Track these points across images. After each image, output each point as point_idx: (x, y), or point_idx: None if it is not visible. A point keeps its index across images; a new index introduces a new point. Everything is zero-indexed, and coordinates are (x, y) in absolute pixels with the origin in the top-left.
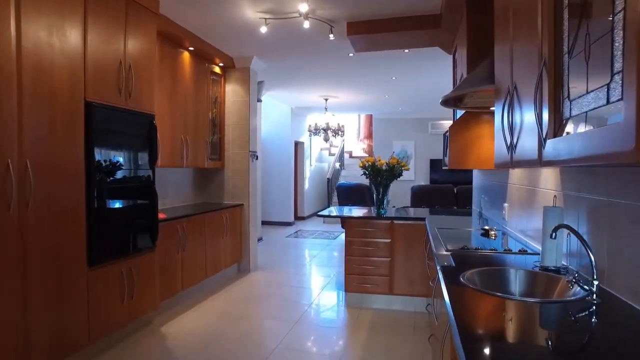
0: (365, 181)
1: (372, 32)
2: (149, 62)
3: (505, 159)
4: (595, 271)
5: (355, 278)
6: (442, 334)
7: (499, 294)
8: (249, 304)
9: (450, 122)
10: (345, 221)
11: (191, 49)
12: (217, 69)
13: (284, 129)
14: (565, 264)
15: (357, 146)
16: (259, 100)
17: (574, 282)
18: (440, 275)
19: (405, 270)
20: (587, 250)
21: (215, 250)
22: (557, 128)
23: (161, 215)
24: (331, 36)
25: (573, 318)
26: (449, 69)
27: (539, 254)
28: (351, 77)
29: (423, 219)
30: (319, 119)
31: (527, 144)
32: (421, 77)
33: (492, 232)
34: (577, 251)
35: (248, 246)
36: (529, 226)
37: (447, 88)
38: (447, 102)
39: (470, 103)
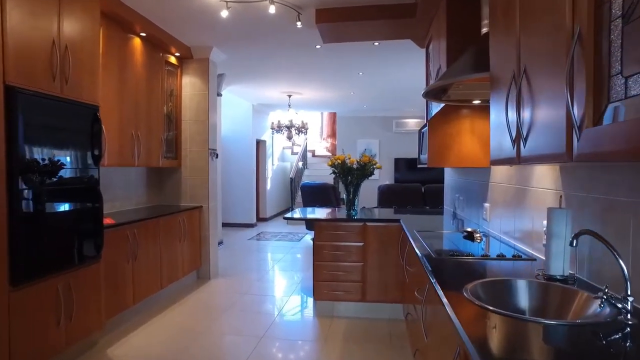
0: (330, 180)
1: (342, 21)
2: (91, 45)
3: (507, 155)
4: (629, 286)
5: (326, 285)
6: (434, 349)
7: (517, 315)
8: (210, 317)
9: (415, 121)
10: (314, 224)
11: (143, 34)
12: (172, 59)
13: (245, 127)
14: (572, 272)
15: (320, 145)
16: (219, 95)
17: (604, 299)
18: (439, 290)
19: (379, 276)
20: (617, 261)
21: (171, 258)
22: (597, 115)
23: (108, 221)
24: (299, 24)
25: (604, 342)
26: (419, 63)
27: (534, 260)
28: (317, 71)
29: (397, 221)
30: (282, 117)
31: (546, 137)
32: (389, 73)
33: (477, 235)
34: (587, 258)
35: (208, 251)
36: (517, 228)
37: (415, 84)
38: (430, 93)
39: (453, 95)
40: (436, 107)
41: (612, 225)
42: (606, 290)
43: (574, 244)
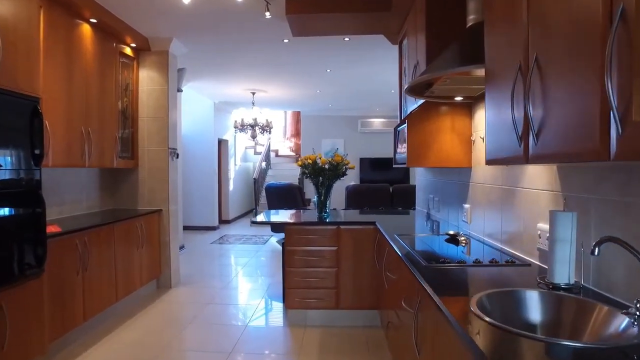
0: (296, 181)
1: (314, 12)
2: (27, 26)
3: (510, 154)
4: None
5: (297, 292)
6: None
7: (540, 336)
8: (171, 332)
9: (380, 121)
10: (284, 228)
11: (93, 21)
12: (128, 51)
13: (207, 126)
14: (577, 280)
15: (283, 145)
16: (180, 90)
17: (637, 316)
18: (442, 305)
19: (354, 281)
20: None
21: (128, 267)
22: None
23: (53, 228)
24: (267, 14)
25: None
26: (390, 60)
27: (529, 265)
28: (284, 68)
29: (372, 223)
30: (245, 115)
31: (569, 132)
32: (358, 70)
33: (462, 239)
34: (594, 265)
35: (168, 258)
36: (505, 230)
37: (383, 83)
38: (414, 88)
39: (437, 91)
40: (412, 105)
41: (629, 229)
42: (638, 306)
43: (596, 253)
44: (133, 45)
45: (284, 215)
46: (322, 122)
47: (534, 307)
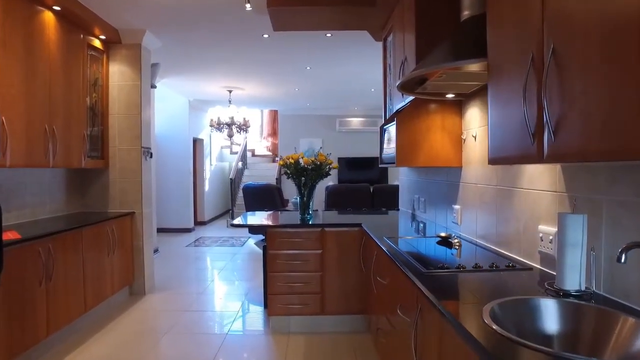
0: (274, 181)
1: (296, 4)
2: None
3: (519, 152)
4: None
5: (280, 298)
6: None
7: (565, 353)
8: (145, 344)
9: (359, 120)
10: (266, 231)
11: (57, 9)
12: (97, 43)
13: (181, 124)
14: (587, 286)
15: (260, 144)
16: (153, 87)
17: None
18: (451, 317)
19: (340, 285)
20: None
21: (98, 274)
22: None
23: (11, 235)
24: (248, 6)
25: None
26: (371, 58)
27: (530, 269)
28: (262, 65)
29: (358, 225)
30: (222, 113)
31: (597, 127)
32: (338, 67)
33: (455, 241)
34: (606, 270)
35: (142, 263)
36: (500, 232)
37: (363, 81)
38: (407, 84)
39: (431, 87)
40: (398, 103)
41: None
42: None
43: (623, 260)
44: (102, 37)
45: (263, 217)
46: (299, 121)
47: (550, 317)
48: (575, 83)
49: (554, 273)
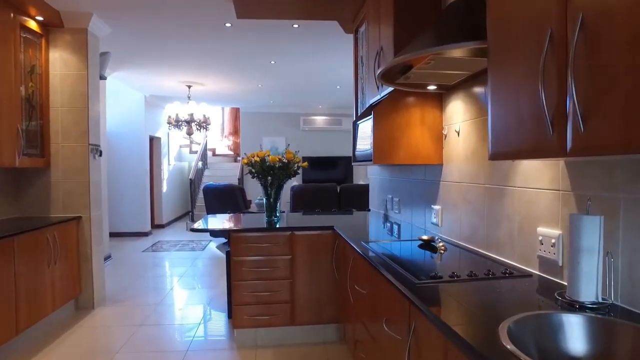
0: (236, 181)
1: None
2: None
3: (536, 145)
4: None
5: (246, 309)
6: None
7: None
8: None
9: (323, 119)
10: (230, 235)
11: None
12: (32, 25)
13: (136, 121)
14: (605, 297)
15: (221, 143)
16: (103, 78)
17: None
18: (456, 338)
19: (311, 293)
20: None
21: (35, 288)
22: None
23: None
24: None
25: None
26: (340, 53)
27: (530, 276)
28: (224, 58)
29: (330, 228)
30: (180, 110)
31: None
32: (304, 62)
33: (440, 245)
34: (624, 279)
35: (90, 273)
36: (490, 235)
37: (329, 78)
38: (389, 73)
39: (414, 77)
40: (373, 96)
41: None
42: None
43: None
44: (39, 18)
45: (226, 220)
46: (262, 119)
47: (576, 335)
48: (616, 59)
49: (557, 280)
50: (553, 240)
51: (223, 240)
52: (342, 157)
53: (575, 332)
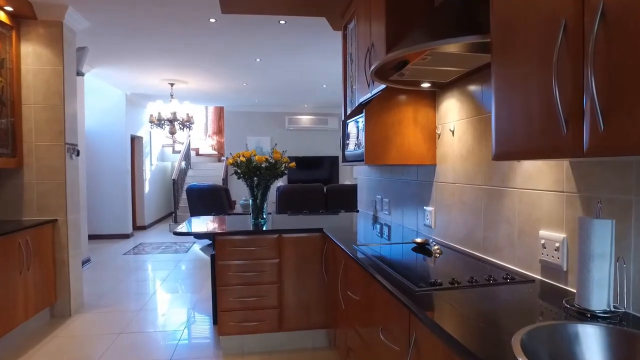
0: (220, 182)
1: None
2: None
3: (547, 144)
4: None
5: (233, 315)
6: None
7: None
8: None
9: (308, 118)
10: (214, 239)
11: None
12: (1, 15)
13: (117, 120)
14: (616, 305)
15: (204, 143)
16: (80, 74)
17: None
18: (467, 354)
19: (299, 298)
20: None
21: (5, 297)
22: None
23: None
24: None
25: None
26: (328, 51)
27: (532, 281)
28: (208, 55)
29: (319, 230)
30: (163, 108)
31: None
32: (291, 59)
33: (435, 248)
34: (637, 285)
35: (67, 279)
36: (487, 237)
37: (315, 76)
38: (383, 69)
39: (408, 73)
40: (364, 94)
41: None
42: None
43: None
44: (8, 8)
45: (211, 222)
46: (247, 118)
47: (593, 348)
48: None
49: (561, 285)
50: (557, 244)
51: (207, 242)
52: (327, 156)
53: (592, 344)
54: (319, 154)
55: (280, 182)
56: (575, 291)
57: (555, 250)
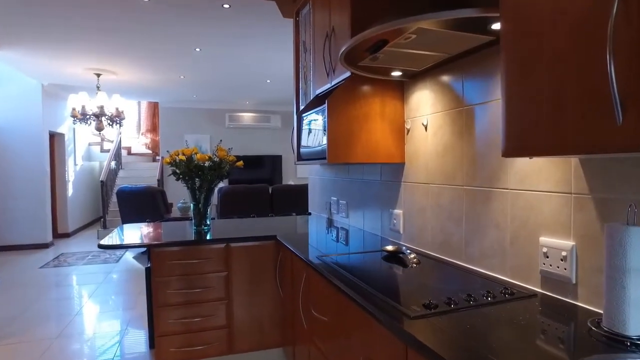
0: (155, 183)
1: None
2: None
3: (588, 136)
4: None
5: (174, 340)
6: None
7: None
8: None
9: (250, 116)
10: (150, 251)
11: None
12: None
13: (32, 114)
14: None
15: (137, 141)
16: None
17: None
18: None
19: (252, 315)
20: None
21: None
22: None
23: None
24: None
25: None
26: (276, 41)
27: (535, 295)
28: (141, 41)
29: (272, 237)
30: (88, 101)
31: None
32: (233, 49)
33: (411, 257)
34: None
35: None
36: (470, 244)
37: (261, 69)
38: (356, 50)
39: (382, 57)
40: (322, 85)
41: None
42: None
43: None
44: None
45: (145, 230)
46: (184, 115)
47: None
48: None
49: (568, 300)
50: (563, 253)
51: (141, 249)
52: (269, 155)
53: None
54: (261, 152)
55: (221, 183)
56: (586, 307)
57: (562, 260)
